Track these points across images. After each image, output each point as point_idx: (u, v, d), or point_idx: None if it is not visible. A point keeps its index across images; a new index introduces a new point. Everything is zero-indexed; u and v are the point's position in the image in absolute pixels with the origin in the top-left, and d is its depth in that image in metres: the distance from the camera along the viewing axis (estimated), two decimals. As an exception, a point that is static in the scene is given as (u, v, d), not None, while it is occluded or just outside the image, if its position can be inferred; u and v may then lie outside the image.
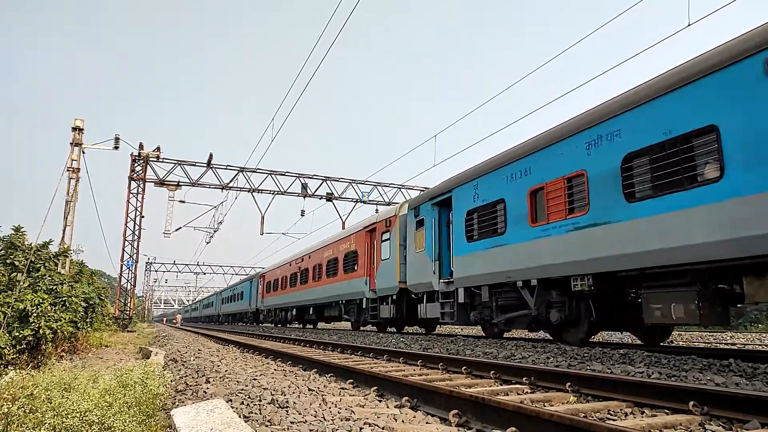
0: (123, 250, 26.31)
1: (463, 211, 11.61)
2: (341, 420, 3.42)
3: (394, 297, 15.35)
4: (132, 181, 26.51)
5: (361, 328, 19.63)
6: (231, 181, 28.00)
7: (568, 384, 4.50)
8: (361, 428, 3.22)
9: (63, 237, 17.31)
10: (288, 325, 30.41)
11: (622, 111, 7.73)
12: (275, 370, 6.71)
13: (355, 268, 18.04)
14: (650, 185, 7.15)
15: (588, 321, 8.82)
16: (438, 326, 16.43)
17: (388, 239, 15.76)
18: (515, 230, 9.80)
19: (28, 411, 3.80)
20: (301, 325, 29.96)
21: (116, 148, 21.57)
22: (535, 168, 9.42)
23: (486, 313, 11.11)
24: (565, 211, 8.66)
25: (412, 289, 14.06)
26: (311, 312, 23.94)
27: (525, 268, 9.46)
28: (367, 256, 17.14)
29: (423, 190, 19.33)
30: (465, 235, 11.43)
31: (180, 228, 32.16)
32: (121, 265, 26.40)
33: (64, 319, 10.24)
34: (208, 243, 37.41)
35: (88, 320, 11.72)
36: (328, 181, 29.81)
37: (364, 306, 17.42)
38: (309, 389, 4.75)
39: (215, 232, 34.41)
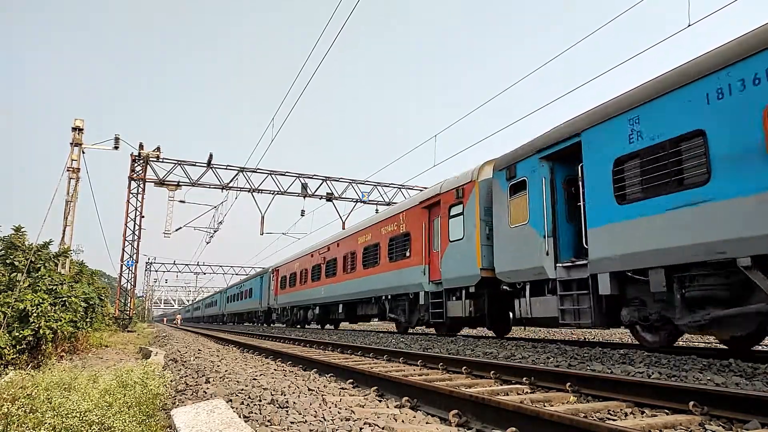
0: (123, 250, 26.33)
1: (607, 161, 8.11)
2: (341, 420, 3.42)
3: (471, 289, 11.62)
4: (132, 181, 26.51)
5: (414, 329, 16.16)
6: (231, 181, 28.01)
7: (568, 384, 4.50)
8: (361, 428, 3.22)
9: (63, 237, 17.31)
10: (306, 326, 27.27)
11: None
12: (275, 370, 6.71)
13: (407, 254, 14.54)
14: None
15: None
16: (543, 326, 11.61)
17: (461, 214, 12.21)
18: (733, 176, 6.23)
19: (28, 411, 3.80)
20: (320, 327, 25.98)
21: (116, 148, 21.58)
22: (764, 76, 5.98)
23: (655, 309, 7.68)
24: None
25: (504, 278, 10.37)
26: (340, 310, 20.10)
27: (755, 236, 5.92)
28: (425, 238, 13.69)
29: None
30: (614, 195, 7.95)
31: (180, 228, 32.18)
32: (121, 265, 26.41)
33: (64, 319, 10.24)
34: (208, 243, 37.40)
35: (88, 320, 11.72)
36: (328, 181, 29.82)
37: (421, 302, 13.75)
38: (309, 389, 4.75)
39: (215, 232, 34.41)
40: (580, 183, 8.76)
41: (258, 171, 28.38)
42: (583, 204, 8.59)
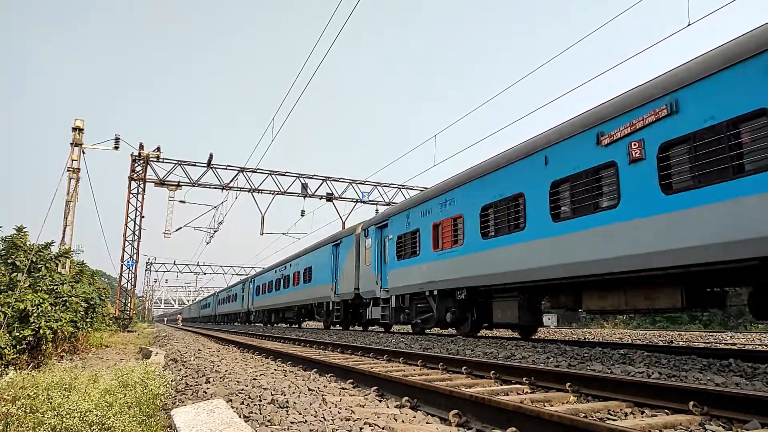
0: (123, 250, 26.32)
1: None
2: (341, 420, 3.42)
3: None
4: (132, 181, 26.51)
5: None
6: (231, 181, 28.01)
7: (568, 384, 4.50)
8: (361, 428, 3.22)
9: (63, 237, 17.32)
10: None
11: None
12: (275, 370, 6.71)
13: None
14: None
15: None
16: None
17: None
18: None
19: (28, 411, 3.80)
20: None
21: (116, 148, 21.60)
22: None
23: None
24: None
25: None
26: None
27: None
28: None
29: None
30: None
31: (180, 228, 32.18)
32: (121, 265, 26.40)
33: (65, 319, 10.24)
34: (208, 243, 37.45)
35: (88, 320, 11.72)
36: (328, 181, 29.82)
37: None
38: (309, 389, 4.75)
39: (215, 232, 34.41)
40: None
41: (258, 171, 28.38)
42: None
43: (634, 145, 7.25)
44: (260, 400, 4.22)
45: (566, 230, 8.37)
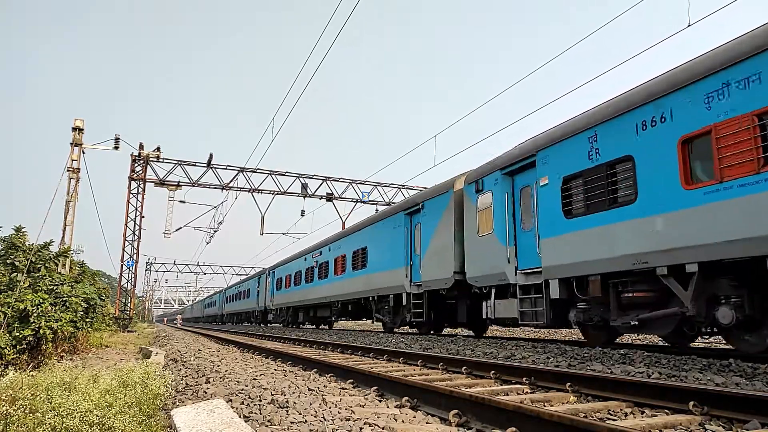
0: (123, 250, 26.33)
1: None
2: (341, 420, 3.42)
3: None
4: (132, 181, 26.52)
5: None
6: (231, 181, 28.01)
7: (568, 384, 4.50)
8: (361, 428, 3.22)
9: (63, 237, 17.33)
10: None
11: None
12: (275, 370, 6.71)
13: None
14: None
15: None
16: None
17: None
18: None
19: (28, 411, 3.80)
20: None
21: (116, 148, 21.60)
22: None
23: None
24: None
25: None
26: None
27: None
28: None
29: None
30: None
31: (180, 228, 32.19)
32: (121, 266, 26.40)
33: (65, 319, 10.24)
34: (208, 243, 37.43)
35: (88, 320, 11.72)
36: (328, 181, 29.83)
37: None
38: (309, 389, 4.75)
39: (215, 232, 34.43)
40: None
41: (258, 171, 28.38)
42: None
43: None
44: (260, 400, 4.22)
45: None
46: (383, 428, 3.22)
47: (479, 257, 11.22)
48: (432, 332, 14.92)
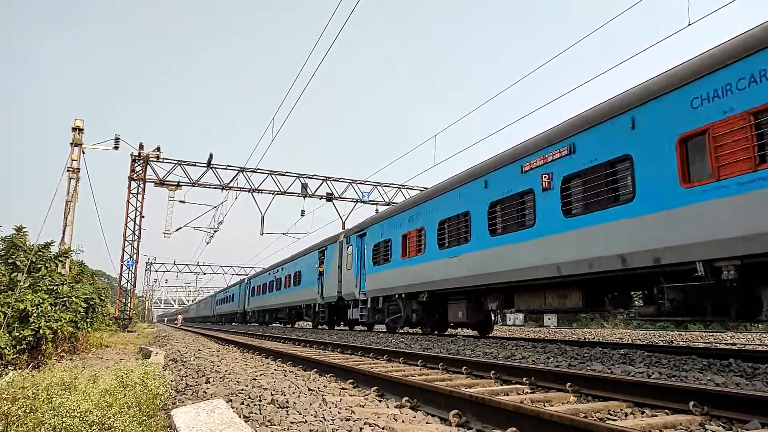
0: (123, 250, 26.32)
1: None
2: (341, 420, 3.42)
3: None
4: (132, 181, 26.51)
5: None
6: (231, 181, 28.01)
7: (568, 384, 4.50)
8: (361, 428, 3.22)
9: (63, 237, 17.32)
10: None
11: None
12: (275, 370, 6.71)
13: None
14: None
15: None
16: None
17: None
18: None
19: (28, 411, 3.80)
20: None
21: (116, 148, 21.59)
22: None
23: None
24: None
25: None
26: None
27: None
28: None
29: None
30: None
31: (180, 228, 32.17)
32: (121, 266, 26.40)
33: (65, 319, 10.24)
34: (208, 243, 37.41)
35: (88, 320, 11.72)
36: (328, 181, 29.81)
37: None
38: (309, 389, 4.75)
39: (215, 232, 34.41)
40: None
41: (258, 171, 28.37)
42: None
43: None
44: (260, 400, 4.22)
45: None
46: (383, 428, 3.22)
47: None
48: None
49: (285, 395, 4.38)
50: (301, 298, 24.27)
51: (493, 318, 14.61)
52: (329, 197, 29.73)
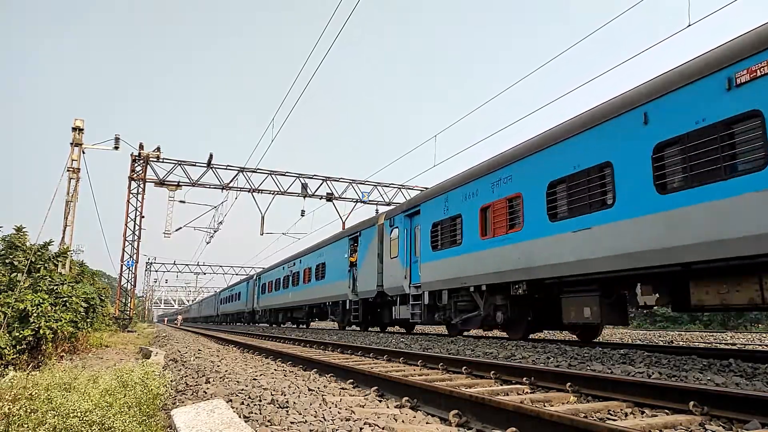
0: (123, 250, 26.31)
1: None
2: (341, 420, 3.42)
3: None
4: (132, 181, 26.50)
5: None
6: (231, 181, 28.00)
7: (569, 384, 4.50)
8: (361, 428, 3.22)
9: (63, 237, 17.31)
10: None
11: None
12: (275, 370, 6.71)
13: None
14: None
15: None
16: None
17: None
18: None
19: (28, 411, 3.80)
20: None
21: (116, 148, 21.59)
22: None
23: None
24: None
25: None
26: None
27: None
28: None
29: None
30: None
31: (180, 228, 32.17)
32: (121, 266, 26.39)
33: (65, 319, 10.24)
34: (208, 243, 37.39)
35: (88, 320, 11.72)
36: (328, 181, 29.81)
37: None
38: (309, 389, 4.75)
39: (215, 232, 34.40)
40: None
41: (258, 171, 28.37)
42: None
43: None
44: (260, 400, 4.22)
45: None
46: (383, 428, 3.22)
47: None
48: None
49: (285, 395, 4.38)
50: (325, 295, 20.92)
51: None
52: (329, 197, 29.73)
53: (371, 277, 16.40)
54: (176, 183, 27.17)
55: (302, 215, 30.11)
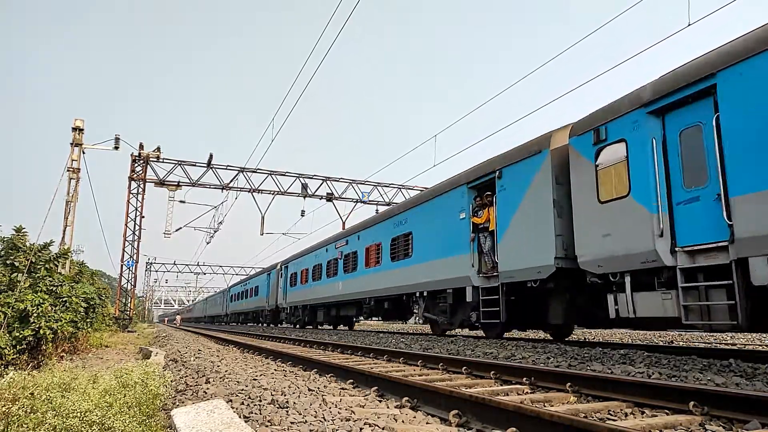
0: (123, 250, 26.33)
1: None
2: (341, 420, 3.42)
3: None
4: (132, 182, 26.52)
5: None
6: (231, 182, 28.01)
7: (569, 384, 4.50)
8: (361, 428, 3.22)
9: (63, 237, 17.32)
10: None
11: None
12: (275, 370, 6.71)
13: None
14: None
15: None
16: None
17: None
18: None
19: (28, 411, 3.80)
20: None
21: (116, 148, 21.61)
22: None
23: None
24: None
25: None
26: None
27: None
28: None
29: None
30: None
31: (180, 228, 32.18)
32: (121, 266, 26.41)
33: (65, 319, 10.24)
34: (208, 243, 37.38)
35: (88, 320, 11.73)
36: (328, 181, 29.82)
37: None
38: (309, 389, 4.75)
39: (215, 232, 34.42)
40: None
41: (258, 171, 28.38)
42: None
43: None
44: (260, 401, 4.22)
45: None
46: (383, 428, 3.22)
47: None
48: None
49: (285, 395, 4.38)
50: (411, 281, 13.94)
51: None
52: (329, 197, 29.74)
53: (536, 245, 9.38)
54: (176, 183, 27.18)
55: (302, 215, 30.12)
